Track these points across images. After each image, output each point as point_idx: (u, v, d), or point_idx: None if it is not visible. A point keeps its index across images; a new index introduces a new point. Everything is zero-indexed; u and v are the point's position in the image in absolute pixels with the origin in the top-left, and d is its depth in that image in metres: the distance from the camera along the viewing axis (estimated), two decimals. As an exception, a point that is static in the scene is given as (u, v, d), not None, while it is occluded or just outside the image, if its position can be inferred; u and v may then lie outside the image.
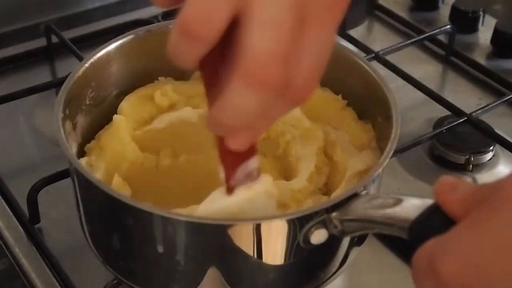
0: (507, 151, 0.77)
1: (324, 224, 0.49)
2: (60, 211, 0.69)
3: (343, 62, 0.63)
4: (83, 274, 0.62)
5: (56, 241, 0.65)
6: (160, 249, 0.50)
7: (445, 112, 0.81)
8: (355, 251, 0.55)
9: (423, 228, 0.44)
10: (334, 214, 0.48)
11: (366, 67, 0.61)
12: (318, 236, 0.49)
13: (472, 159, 0.75)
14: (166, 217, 0.49)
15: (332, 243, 0.52)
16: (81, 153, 0.60)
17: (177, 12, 0.38)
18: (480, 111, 0.80)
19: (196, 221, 0.49)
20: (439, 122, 0.80)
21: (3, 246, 0.65)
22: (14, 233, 0.66)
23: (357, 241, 0.55)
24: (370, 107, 0.61)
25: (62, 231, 0.67)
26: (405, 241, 0.65)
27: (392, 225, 0.46)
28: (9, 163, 0.74)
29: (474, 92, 0.89)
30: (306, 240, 0.49)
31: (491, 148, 0.77)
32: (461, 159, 0.76)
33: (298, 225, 0.49)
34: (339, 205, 0.49)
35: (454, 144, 0.76)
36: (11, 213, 0.67)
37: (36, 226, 0.66)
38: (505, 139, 0.77)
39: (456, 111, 0.80)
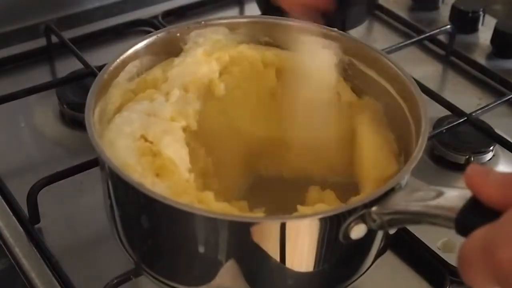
0: (507, 151, 0.77)
1: (363, 219, 0.50)
2: (60, 211, 0.69)
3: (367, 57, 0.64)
4: (83, 274, 0.62)
5: (56, 241, 0.65)
6: (183, 241, 0.51)
7: (445, 112, 0.81)
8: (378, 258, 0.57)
9: (470, 217, 0.44)
10: (373, 209, 0.49)
11: (390, 63, 0.62)
12: (358, 231, 0.50)
13: (472, 159, 0.75)
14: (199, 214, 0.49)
15: (362, 249, 0.54)
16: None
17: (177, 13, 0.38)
18: (480, 111, 0.80)
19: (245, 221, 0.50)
20: (439, 122, 0.80)
21: (3, 246, 0.65)
22: (14, 233, 0.66)
23: (383, 249, 0.56)
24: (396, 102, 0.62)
25: (62, 231, 0.67)
26: (405, 242, 0.65)
27: (437, 217, 0.46)
28: (9, 163, 0.74)
29: (474, 92, 0.89)
30: (346, 235, 0.50)
31: (491, 148, 0.77)
32: (461, 159, 0.76)
33: (339, 221, 0.50)
34: (378, 200, 0.50)
35: (454, 144, 0.76)
36: (11, 213, 0.67)
37: (36, 226, 0.66)
38: (505, 139, 0.77)
39: (456, 111, 0.80)
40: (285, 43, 0.66)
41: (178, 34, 0.65)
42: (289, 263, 0.51)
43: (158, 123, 0.58)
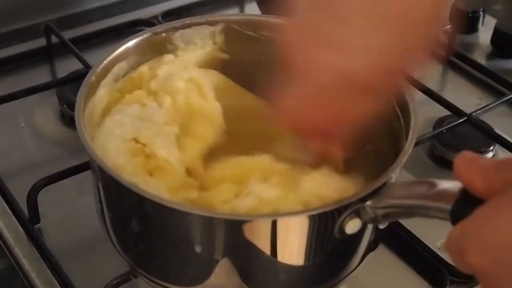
0: (507, 151, 0.77)
1: (358, 213, 0.50)
2: (60, 211, 0.69)
3: None
4: (83, 274, 0.62)
5: (56, 241, 0.65)
6: (175, 240, 0.51)
7: (445, 112, 0.81)
8: (369, 255, 0.56)
9: (464, 207, 0.44)
10: (368, 203, 0.49)
11: None
12: (353, 226, 0.50)
13: (472, 159, 0.75)
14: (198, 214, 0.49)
15: (351, 244, 0.53)
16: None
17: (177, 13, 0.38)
18: (480, 111, 0.80)
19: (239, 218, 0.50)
20: (439, 122, 0.80)
21: (3, 246, 0.65)
22: (14, 233, 0.66)
23: (373, 243, 0.56)
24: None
25: (62, 231, 0.67)
26: (405, 242, 0.65)
27: (432, 209, 0.46)
28: (9, 163, 0.74)
29: (474, 92, 0.89)
30: (341, 230, 0.50)
31: (491, 148, 0.77)
32: (461, 159, 0.76)
33: (333, 217, 0.49)
34: (372, 194, 0.50)
35: (454, 144, 0.76)
36: (11, 213, 0.68)
37: (36, 226, 0.66)
38: (505, 139, 0.77)
39: (456, 111, 0.80)
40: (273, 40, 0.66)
41: (164, 34, 0.65)
42: (282, 259, 0.51)
43: (151, 127, 0.58)
